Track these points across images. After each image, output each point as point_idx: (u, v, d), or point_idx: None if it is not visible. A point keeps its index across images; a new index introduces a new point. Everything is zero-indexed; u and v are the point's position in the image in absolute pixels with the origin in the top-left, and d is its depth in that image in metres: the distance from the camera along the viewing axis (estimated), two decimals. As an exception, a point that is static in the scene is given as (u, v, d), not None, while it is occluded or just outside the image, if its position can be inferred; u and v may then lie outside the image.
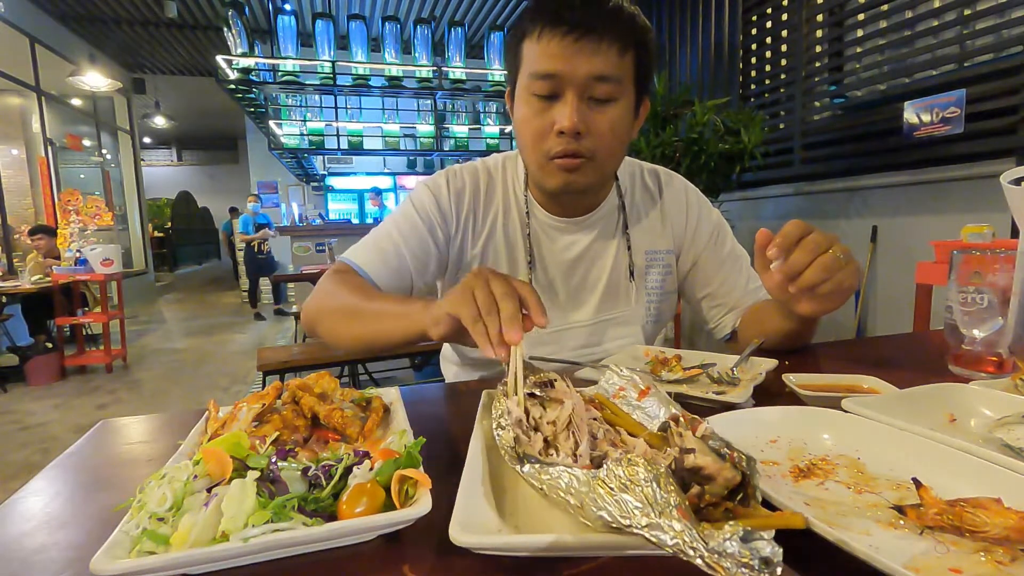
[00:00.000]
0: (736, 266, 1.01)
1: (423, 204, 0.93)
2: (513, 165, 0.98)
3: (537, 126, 0.80)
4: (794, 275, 0.65)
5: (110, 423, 0.67)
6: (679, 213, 1.01)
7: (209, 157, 15.79)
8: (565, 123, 0.76)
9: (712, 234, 1.01)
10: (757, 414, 0.53)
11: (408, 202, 0.96)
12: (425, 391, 0.79)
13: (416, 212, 0.93)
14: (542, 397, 0.51)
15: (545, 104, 0.79)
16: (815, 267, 0.64)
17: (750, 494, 0.35)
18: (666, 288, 1.01)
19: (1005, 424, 0.47)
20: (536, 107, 0.80)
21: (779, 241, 0.65)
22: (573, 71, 0.75)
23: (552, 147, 0.80)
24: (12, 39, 5.54)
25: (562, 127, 0.77)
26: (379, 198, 6.88)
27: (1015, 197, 0.67)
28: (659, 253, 1.00)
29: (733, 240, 1.03)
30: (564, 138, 0.78)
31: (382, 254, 0.90)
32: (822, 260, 0.63)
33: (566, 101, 0.77)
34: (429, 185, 0.96)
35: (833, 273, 0.64)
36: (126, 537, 0.34)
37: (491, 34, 5.56)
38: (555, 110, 0.78)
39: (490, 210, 0.95)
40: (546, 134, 0.80)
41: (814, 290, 0.65)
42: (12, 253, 5.45)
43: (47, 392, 4.03)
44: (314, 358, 2.57)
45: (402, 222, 0.92)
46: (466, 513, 0.36)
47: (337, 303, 0.82)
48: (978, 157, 2.24)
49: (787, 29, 3.25)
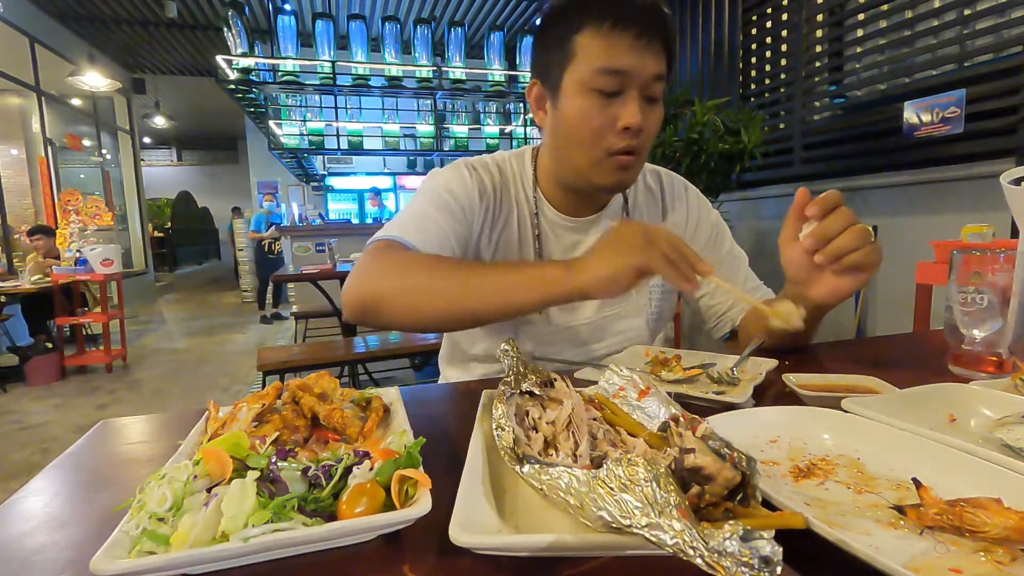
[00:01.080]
0: (735, 266, 1.01)
1: (453, 190, 0.89)
2: (520, 163, 0.97)
3: (599, 122, 0.79)
4: (826, 240, 0.67)
5: (110, 423, 0.67)
6: (679, 213, 1.02)
7: (209, 157, 15.79)
8: (633, 120, 0.77)
9: (711, 234, 1.02)
10: (757, 414, 0.53)
11: (437, 186, 0.90)
12: (425, 391, 0.79)
13: (450, 196, 0.88)
14: (542, 397, 0.51)
15: (606, 100, 0.78)
16: (848, 234, 0.67)
17: (750, 494, 0.35)
18: (666, 287, 1.01)
19: (1005, 424, 0.47)
20: (598, 103, 0.79)
21: (821, 202, 0.68)
22: (641, 69, 0.77)
23: (613, 143, 0.80)
24: (12, 39, 5.54)
25: (629, 124, 0.77)
26: (378, 198, 6.87)
27: (1015, 197, 0.67)
28: None
29: (732, 240, 1.04)
30: (628, 135, 0.79)
31: (427, 234, 0.82)
32: (855, 229, 0.67)
33: (631, 98, 0.78)
34: (453, 175, 0.92)
35: (863, 243, 0.66)
36: (126, 537, 0.34)
37: (491, 34, 5.55)
38: (616, 107, 0.78)
39: (504, 206, 0.94)
40: (606, 131, 0.79)
41: (840, 260, 0.67)
42: (12, 253, 5.45)
43: (47, 392, 4.03)
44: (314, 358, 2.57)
45: (439, 203, 0.87)
46: (466, 513, 0.36)
47: (418, 279, 0.73)
48: (978, 157, 2.24)
49: (787, 29, 3.25)
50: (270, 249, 6.76)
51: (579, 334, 0.95)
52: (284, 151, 5.70)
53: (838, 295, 0.72)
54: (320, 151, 5.84)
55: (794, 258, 0.73)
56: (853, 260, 0.67)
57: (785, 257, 0.75)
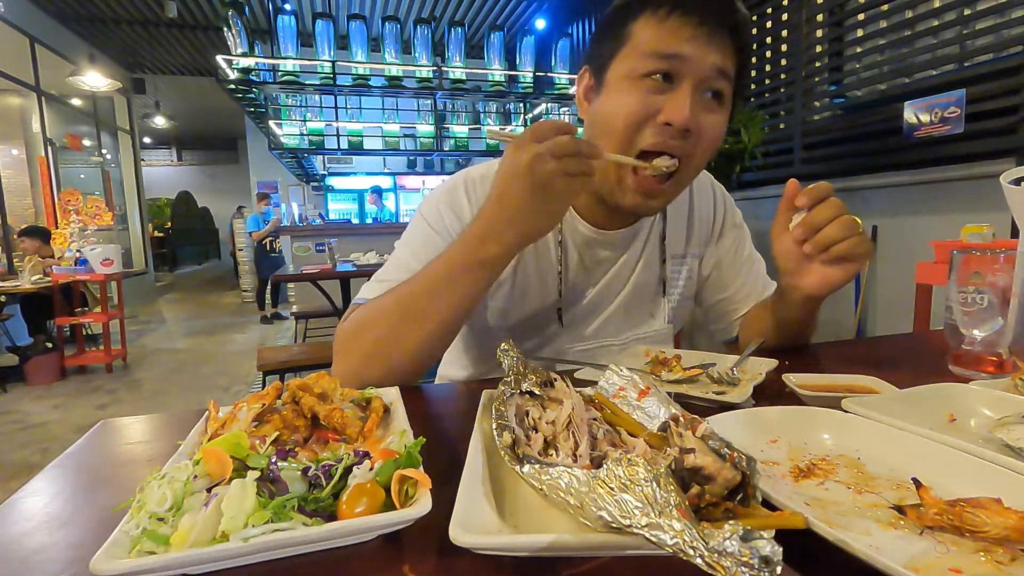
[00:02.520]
0: (754, 269, 0.99)
1: (440, 220, 0.81)
2: None
3: (638, 113, 0.69)
4: (815, 229, 0.67)
5: (110, 423, 0.67)
6: (706, 213, 0.97)
7: (209, 157, 15.79)
8: (678, 115, 0.67)
9: (736, 236, 0.99)
10: (757, 414, 0.53)
11: (421, 222, 0.83)
12: (425, 391, 0.78)
13: (435, 232, 0.81)
14: (542, 397, 0.51)
15: (653, 90, 0.69)
16: (837, 223, 0.66)
17: (750, 494, 0.35)
18: (686, 293, 0.98)
19: (1005, 424, 0.47)
20: (642, 90, 0.69)
21: (811, 192, 0.68)
22: (701, 57, 0.67)
23: (647, 140, 0.69)
24: (12, 39, 5.54)
25: (672, 118, 0.67)
26: (378, 197, 6.87)
27: (1015, 197, 0.67)
28: (685, 258, 0.96)
29: (751, 244, 1.01)
30: (669, 131, 0.68)
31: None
32: (843, 219, 0.66)
33: (683, 90, 0.68)
34: (443, 199, 0.83)
35: (851, 233, 0.66)
36: (126, 537, 0.34)
37: (491, 34, 5.56)
38: (663, 99, 0.68)
39: None
40: (644, 124, 0.69)
41: (829, 251, 0.67)
42: (12, 253, 5.45)
43: (47, 392, 4.03)
44: (314, 358, 2.57)
45: (420, 248, 0.80)
46: (466, 513, 0.36)
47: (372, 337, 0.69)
48: (978, 157, 2.24)
49: (787, 29, 3.24)
50: (271, 247, 6.76)
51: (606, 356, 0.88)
52: (284, 151, 5.71)
53: (828, 285, 0.71)
54: (320, 151, 5.85)
55: (784, 249, 0.73)
56: (841, 250, 0.66)
57: (776, 248, 0.75)
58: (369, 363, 0.70)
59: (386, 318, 0.70)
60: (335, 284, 3.83)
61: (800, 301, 0.77)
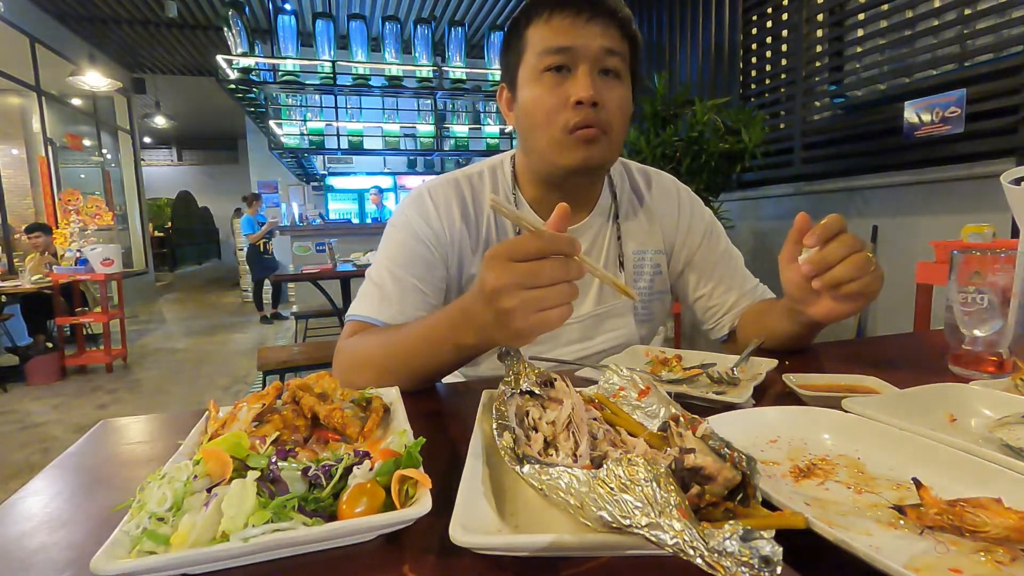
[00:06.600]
0: (731, 266, 1.00)
1: (410, 227, 0.88)
2: (494, 170, 0.95)
3: (551, 102, 0.80)
4: (826, 268, 0.65)
5: (110, 423, 0.67)
6: (669, 213, 1.00)
7: (209, 157, 15.79)
8: (583, 93, 0.77)
9: (705, 234, 1.00)
10: (757, 414, 0.53)
11: (393, 232, 0.90)
12: (425, 391, 0.78)
13: (406, 237, 0.88)
14: (542, 397, 0.51)
15: (557, 80, 0.80)
16: (848, 263, 0.64)
17: (750, 494, 0.35)
18: (655, 288, 1.00)
19: (1005, 424, 0.47)
20: (548, 84, 0.80)
21: (820, 230, 0.65)
22: (587, 43, 0.78)
23: (570, 118, 0.79)
24: (12, 39, 5.54)
25: (579, 97, 0.78)
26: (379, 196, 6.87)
27: (1015, 197, 0.67)
28: (647, 253, 0.99)
29: (727, 240, 1.03)
30: (582, 108, 0.78)
31: (390, 302, 0.84)
32: (855, 258, 0.64)
33: (581, 73, 0.79)
34: (410, 207, 0.90)
35: (863, 274, 0.64)
36: (126, 537, 0.34)
37: (491, 34, 5.56)
38: (568, 84, 0.79)
39: (482, 220, 0.92)
40: (560, 109, 0.80)
41: (839, 288, 0.65)
42: (12, 253, 5.46)
43: (47, 392, 4.03)
44: (314, 358, 2.57)
45: (397, 255, 0.87)
46: (466, 513, 0.36)
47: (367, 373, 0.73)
48: (978, 157, 2.24)
49: (787, 29, 3.25)
50: (264, 249, 6.76)
51: (571, 332, 0.94)
52: (284, 151, 5.71)
53: (836, 317, 0.71)
54: (320, 151, 5.86)
55: (792, 279, 0.72)
56: (852, 289, 0.65)
57: (784, 276, 0.74)
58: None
59: (372, 366, 0.75)
60: (335, 284, 3.84)
61: (804, 322, 0.78)
